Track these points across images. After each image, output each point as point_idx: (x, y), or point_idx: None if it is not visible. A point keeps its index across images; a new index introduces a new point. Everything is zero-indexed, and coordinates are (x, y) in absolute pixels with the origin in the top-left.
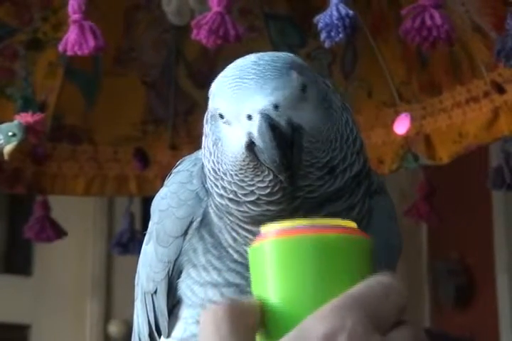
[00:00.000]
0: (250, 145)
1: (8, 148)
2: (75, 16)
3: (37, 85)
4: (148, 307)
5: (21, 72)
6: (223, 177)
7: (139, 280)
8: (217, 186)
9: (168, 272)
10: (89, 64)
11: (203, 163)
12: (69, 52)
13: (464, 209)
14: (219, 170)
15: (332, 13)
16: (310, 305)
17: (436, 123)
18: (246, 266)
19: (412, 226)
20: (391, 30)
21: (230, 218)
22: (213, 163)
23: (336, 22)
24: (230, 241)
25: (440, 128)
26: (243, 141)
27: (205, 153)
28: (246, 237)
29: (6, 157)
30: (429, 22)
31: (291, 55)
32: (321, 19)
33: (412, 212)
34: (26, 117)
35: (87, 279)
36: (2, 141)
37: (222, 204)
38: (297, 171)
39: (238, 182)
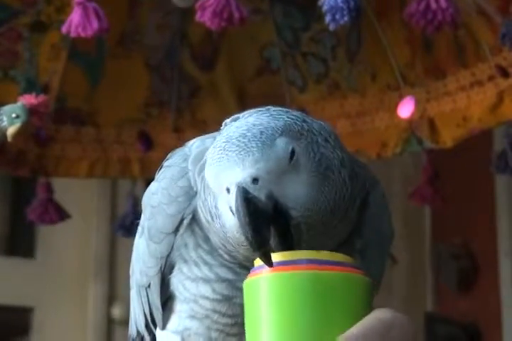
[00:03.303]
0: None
1: (11, 130)
2: None
3: (40, 67)
4: (143, 299)
5: (25, 55)
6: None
7: (133, 271)
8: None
9: (161, 267)
10: (92, 46)
11: (195, 164)
12: (72, 34)
13: (467, 193)
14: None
15: None
16: None
17: (440, 106)
18: (236, 261)
19: (416, 210)
20: (395, 13)
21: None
22: (208, 213)
23: (340, 5)
24: (219, 245)
25: (444, 111)
26: (229, 215)
27: (201, 199)
28: (234, 250)
29: (9, 138)
30: (434, 5)
31: (290, 116)
32: (326, 2)
33: (415, 196)
34: (30, 99)
35: (90, 262)
36: (5, 123)
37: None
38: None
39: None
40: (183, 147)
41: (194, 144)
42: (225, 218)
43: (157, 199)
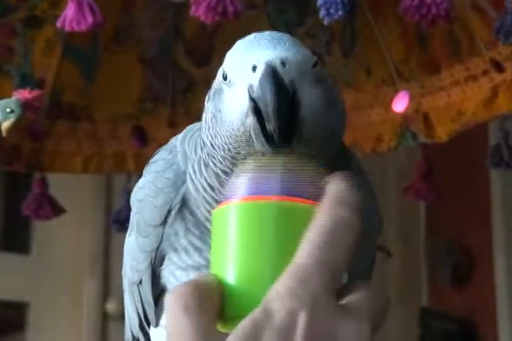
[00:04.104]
0: (250, 108)
1: (5, 125)
2: None
3: (35, 62)
4: (135, 298)
5: (19, 49)
6: (217, 152)
7: (125, 271)
8: (210, 160)
9: (151, 261)
10: (87, 41)
11: (184, 138)
12: (67, 28)
13: (462, 187)
14: (215, 143)
15: None
16: (270, 277)
17: (434, 101)
18: None
19: (411, 205)
20: (390, 8)
21: (208, 190)
22: (211, 136)
23: None
24: (206, 214)
25: (439, 106)
26: (244, 102)
27: (203, 128)
28: None
29: (3, 133)
30: (428, 0)
31: None
32: None
33: (410, 191)
34: (24, 94)
35: (85, 257)
36: (0, 118)
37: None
38: (291, 128)
39: (230, 159)
40: (170, 141)
41: (181, 133)
42: (229, 111)
43: (143, 193)
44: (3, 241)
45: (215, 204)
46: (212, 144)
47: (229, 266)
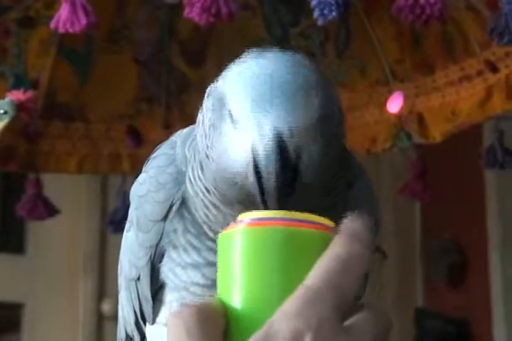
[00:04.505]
0: (252, 170)
1: None
2: None
3: (29, 63)
4: (132, 294)
5: (13, 50)
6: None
7: (122, 268)
8: (201, 168)
9: (150, 256)
10: (81, 42)
11: (185, 141)
12: (61, 30)
13: (457, 187)
14: (208, 156)
15: None
16: (276, 301)
17: (429, 101)
18: None
19: (406, 205)
20: (384, 8)
21: (206, 194)
22: (206, 147)
23: (329, 0)
24: (204, 218)
25: (433, 106)
26: (245, 157)
27: (199, 131)
28: (217, 217)
29: None
30: (422, 0)
31: (314, 68)
32: None
33: (405, 191)
34: (18, 95)
35: (80, 258)
36: None
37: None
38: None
39: (218, 187)
40: (170, 138)
41: (183, 131)
42: (227, 148)
43: (145, 188)
44: None
45: (212, 209)
46: (206, 154)
47: (234, 289)
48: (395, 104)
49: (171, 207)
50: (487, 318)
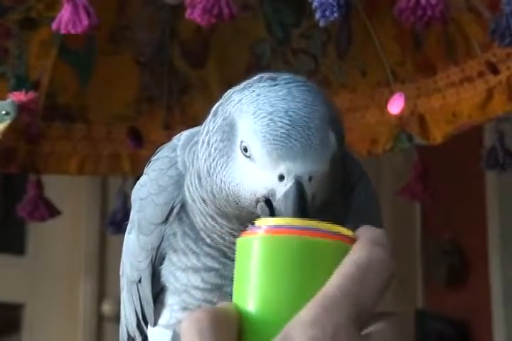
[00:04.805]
0: (265, 212)
1: (0, 127)
2: None
3: (30, 64)
4: (134, 297)
5: (15, 51)
6: (210, 188)
7: (124, 270)
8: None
9: (152, 259)
10: (82, 43)
11: (185, 145)
12: (63, 31)
13: (457, 189)
14: (210, 173)
15: None
16: (290, 308)
17: (430, 103)
18: (219, 251)
19: (406, 206)
20: (386, 10)
21: (202, 204)
22: (210, 166)
23: (330, 1)
24: (201, 225)
25: (434, 108)
26: (261, 188)
27: (202, 150)
28: (213, 226)
29: None
30: (423, 1)
31: (326, 100)
32: None
33: (405, 192)
34: (19, 96)
35: (80, 258)
36: None
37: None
38: None
39: (220, 208)
40: (172, 140)
41: (183, 134)
42: (243, 179)
43: (146, 190)
44: None
45: (209, 218)
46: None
47: (250, 295)
48: (395, 105)
49: (171, 210)
50: (487, 319)
